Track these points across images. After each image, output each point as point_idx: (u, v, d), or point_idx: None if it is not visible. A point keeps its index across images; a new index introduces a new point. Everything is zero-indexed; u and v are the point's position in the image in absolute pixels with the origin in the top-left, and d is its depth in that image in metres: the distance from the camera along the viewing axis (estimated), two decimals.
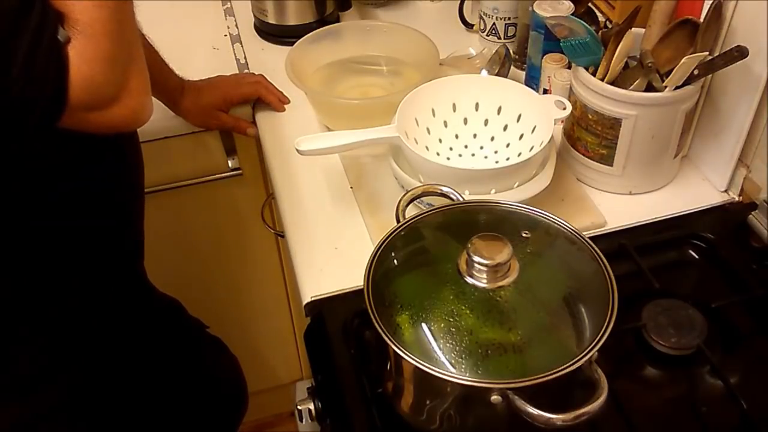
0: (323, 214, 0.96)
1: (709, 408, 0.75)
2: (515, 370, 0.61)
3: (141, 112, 0.65)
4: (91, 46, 0.58)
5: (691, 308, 0.80)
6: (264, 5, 1.25)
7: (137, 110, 0.65)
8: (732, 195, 0.96)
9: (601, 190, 0.97)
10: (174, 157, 1.18)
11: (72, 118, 0.60)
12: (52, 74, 0.57)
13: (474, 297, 0.65)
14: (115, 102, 0.62)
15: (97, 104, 0.61)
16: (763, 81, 0.85)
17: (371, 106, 1.04)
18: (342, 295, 0.85)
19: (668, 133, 0.91)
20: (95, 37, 0.58)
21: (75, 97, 0.58)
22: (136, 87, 0.63)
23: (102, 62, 0.59)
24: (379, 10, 1.37)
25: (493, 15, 1.19)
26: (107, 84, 0.60)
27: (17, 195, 0.68)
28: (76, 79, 0.58)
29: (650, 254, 0.88)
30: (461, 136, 0.97)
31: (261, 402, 1.29)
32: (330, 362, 0.79)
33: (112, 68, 0.60)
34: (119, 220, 0.81)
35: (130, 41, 0.63)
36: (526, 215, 0.73)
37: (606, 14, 1.07)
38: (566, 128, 0.98)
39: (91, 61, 0.58)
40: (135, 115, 0.65)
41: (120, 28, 0.60)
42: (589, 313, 0.65)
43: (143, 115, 0.66)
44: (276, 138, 1.09)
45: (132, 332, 0.86)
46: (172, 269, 1.07)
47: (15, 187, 0.67)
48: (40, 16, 0.56)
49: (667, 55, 0.89)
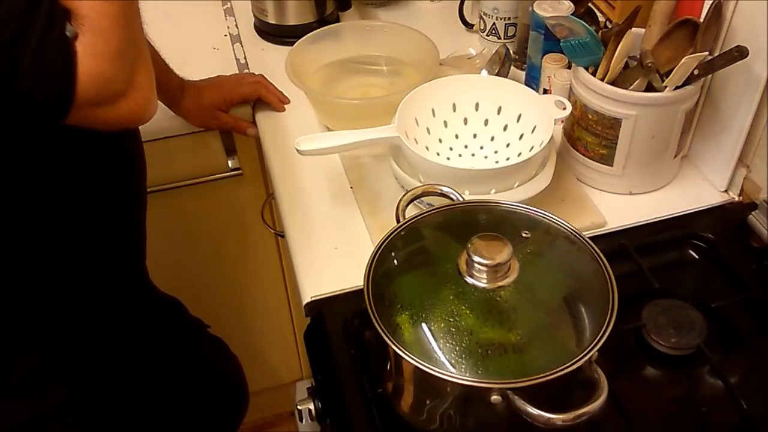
0: (323, 214, 0.96)
1: (709, 408, 0.75)
2: (515, 370, 0.61)
3: (147, 106, 0.66)
4: (99, 41, 0.59)
5: (691, 308, 0.80)
6: (264, 5, 1.25)
7: (144, 105, 0.65)
8: (732, 195, 0.96)
9: (601, 190, 0.97)
10: (174, 157, 1.18)
11: (79, 114, 0.60)
12: (60, 71, 0.57)
13: (474, 297, 0.65)
14: (123, 97, 0.62)
15: (105, 100, 0.61)
16: (763, 81, 0.85)
17: (371, 106, 1.04)
18: (342, 295, 0.85)
19: (668, 133, 0.91)
20: (103, 33, 0.59)
21: (83, 92, 0.58)
22: (143, 82, 0.64)
23: (110, 58, 0.59)
24: (379, 10, 1.37)
25: (493, 15, 1.19)
26: (115, 79, 0.61)
27: (22, 193, 0.68)
28: (83, 75, 0.58)
29: (650, 254, 0.87)
30: (461, 136, 0.98)
31: (261, 402, 1.29)
32: (330, 362, 0.79)
33: (119, 63, 0.60)
34: (122, 219, 0.81)
35: (137, 37, 0.64)
36: (526, 215, 0.73)
37: (606, 14, 1.07)
38: (566, 128, 0.98)
39: (99, 56, 0.59)
40: (142, 110, 0.65)
41: (127, 23, 0.61)
42: (589, 313, 0.65)
43: (150, 110, 0.66)
44: (276, 138, 1.09)
45: (133, 332, 0.86)
46: (172, 269, 1.07)
47: (20, 185, 0.67)
48: (47, 13, 0.56)
49: (667, 55, 0.89)
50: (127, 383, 0.85)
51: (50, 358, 0.77)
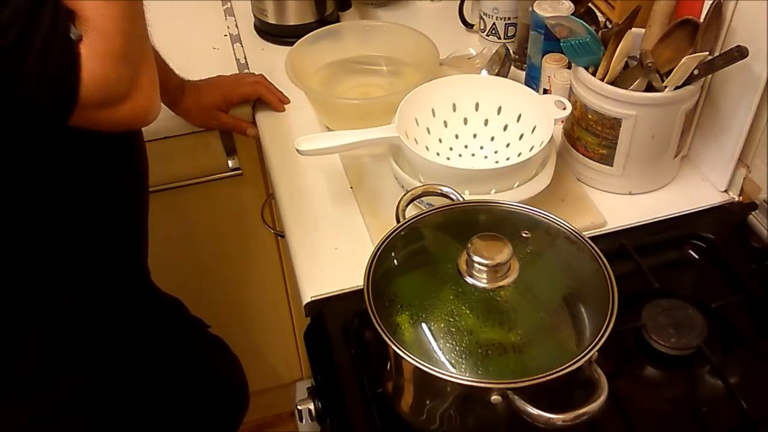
0: (323, 214, 0.96)
1: (709, 408, 0.75)
2: (515, 370, 0.61)
3: (151, 108, 0.66)
4: (103, 43, 0.59)
5: (691, 308, 0.80)
6: (264, 5, 1.25)
7: (147, 107, 0.65)
8: (732, 195, 0.96)
9: (601, 190, 0.97)
10: (174, 157, 1.18)
11: (83, 115, 0.60)
12: (63, 72, 0.57)
13: (474, 297, 0.65)
14: (126, 99, 0.62)
15: (109, 101, 0.61)
16: (763, 81, 0.85)
17: (371, 106, 1.04)
18: (342, 295, 0.85)
19: (668, 133, 0.91)
20: (107, 35, 0.59)
21: (87, 94, 0.58)
22: (147, 83, 0.64)
23: (114, 59, 0.60)
24: (379, 10, 1.37)
25: (493, 15, 1.19)
26: (119, 81, 0.61)
27: (22, 193, 0.68)
28: (87, 77, 0.58)
29: (650, 254, 0.88)
30: (461, 136, 0.98)
31: (261, 402, 1.29)
32: (330, 362, 0.79)
33: (123, 65, 0.61)
34: (123, 219, 0.81)
35: (141, 38, 0.64)
36: (526, 215, 0.73)
37: (606, 14, 1.07)
38: (566, 128, 0.98)
39: (103, 58, 0.59)
40: (145, 112, 0.65)
41: (131, 25, 0.61)
42: (589, 313, 0.65)
43: (153, 112, 0.66)
44: (276, 138, 1.09)
45: (134, 331, 0.86)
46: (172, 269, 1.07)
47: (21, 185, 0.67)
48: (52, 15, 0.56)
49: (667, 55, 0.89)
50: (128, 383, 0.85)
51: (50, 358, 0.77)
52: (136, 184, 0.82)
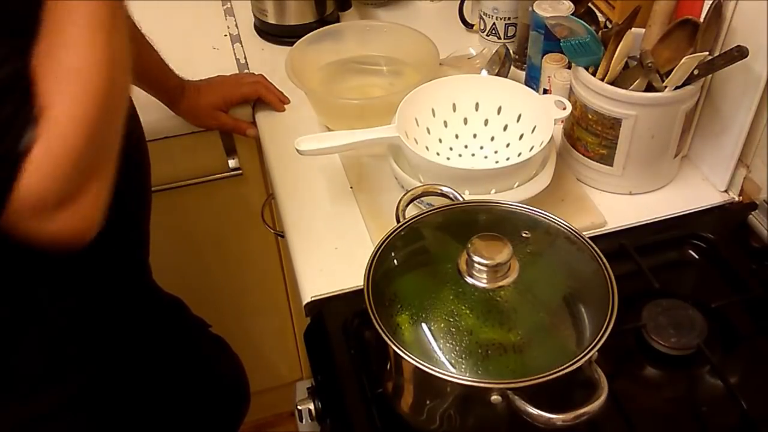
0: (323, 214, 0.96)
1: (709, 408, 0.75)
2: (515, 370, 0.61)
3: (93, 222, 0.58)
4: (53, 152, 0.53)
5: (691, 308, 0.80)
6: (264, 5, 1.25)
7: (91, 218, 0.58)
8: (732, 195, 0.96)
9: (601, 190, 0.97)
10: (174, 157, 1.18)
11: (7, 222, 0.53)
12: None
13: (474, 297, 0.65)
14: (65, 208, 0.55)
15: (48, 205, 0.54)
16: (763, 81, 0.85)
17: (371, 106, 1.04)
18: (342, 295, 0.85)
19: (668, 133, 0.91)
20: (66, 138, 0.53)
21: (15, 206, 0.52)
22: (96, 193, 0.57)
23: (60, 171, 0.53)
24: (379, 10, 1.37)
25: (493, 15, 1.19)
26: (60, 190, 0.54)
27: None
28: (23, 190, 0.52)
29: (650, 254, 0.88)
30: (461, 136, 0.98)
31: (261, 402, 1.29)
32: (330, 362, 0.79)
33: (69, 177, 0.54)
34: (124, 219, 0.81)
35: (106, 147, 0.58)
36: (526, 215, 0.73)
37: (606, 14, 1.07)
38: (566, 128, 0.98)
39: (54, 164, 0.53)
40: (87, 225, 0.58)
41: (100, 133, 0.56)
42: (589, 313, 0.65)
43: (94, 228, 0.59)
44: (276, 138, 1.09)
45: (135, 331, 0.86)
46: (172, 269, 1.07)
47: None
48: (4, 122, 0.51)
49: (667, 55, 0.89)
50: (128, 383, 0.85)
51: (50, 358, 0.77)
52: (136, 184, 0.82)
